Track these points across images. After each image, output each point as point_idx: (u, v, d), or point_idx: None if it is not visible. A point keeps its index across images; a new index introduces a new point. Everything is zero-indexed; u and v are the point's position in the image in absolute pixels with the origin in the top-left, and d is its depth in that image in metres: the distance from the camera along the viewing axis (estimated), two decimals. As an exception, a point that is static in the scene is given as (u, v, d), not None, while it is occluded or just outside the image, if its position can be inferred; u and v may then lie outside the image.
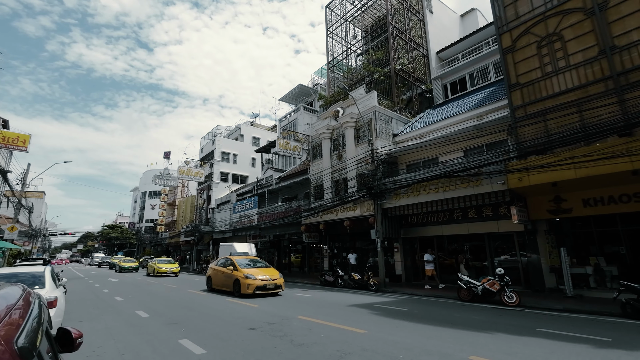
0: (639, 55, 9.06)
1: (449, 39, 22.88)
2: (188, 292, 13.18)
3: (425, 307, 9.29)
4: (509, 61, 11.77)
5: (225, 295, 12.21)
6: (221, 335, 6.12)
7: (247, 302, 10.19)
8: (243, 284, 11.56)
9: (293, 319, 7.51)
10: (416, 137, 16.37)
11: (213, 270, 13.95)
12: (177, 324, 7.13)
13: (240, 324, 7.09)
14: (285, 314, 8.23)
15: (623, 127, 8.60)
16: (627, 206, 9.72)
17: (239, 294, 11.66)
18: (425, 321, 7.33)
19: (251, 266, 12.83)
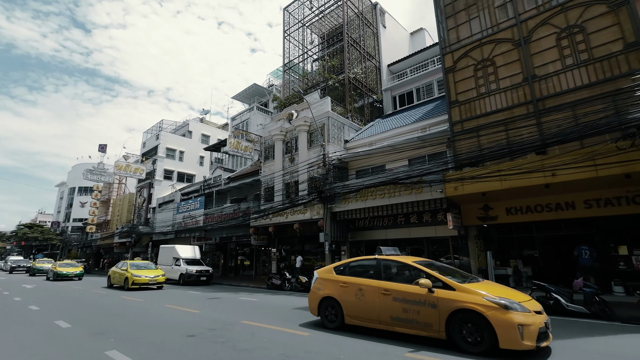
0: (553, 85, 10.51)
1: (399, 54, 24.30)
2: (120, 298, 12.08)
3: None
4: (450, 80, 12.86)
5: (157, 299, 11.43)
6: (156, 344, 5.72)
7: (188, 308, 9.65)
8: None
9: (236, 324, 7.30)
10: (366, 144, 17.04)
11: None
12: (104, 334, 6.49)
13: (178, 331, 6.69)
14: (228, 319, 7.96)
15: (539, 146, 9.89)
16: (540, 215, 11.16)
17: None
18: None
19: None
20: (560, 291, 8.25)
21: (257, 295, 12.99)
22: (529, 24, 11.23)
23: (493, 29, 12.11)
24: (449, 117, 12.68)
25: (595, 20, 10.01)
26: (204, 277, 18.23)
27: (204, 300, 11.68)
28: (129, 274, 15.23)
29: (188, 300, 11.80)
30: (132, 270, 15.53)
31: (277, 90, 30.11)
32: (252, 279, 21.19)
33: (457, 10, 13.22)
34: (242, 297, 12.49)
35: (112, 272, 16.95)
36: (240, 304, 10.59)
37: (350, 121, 19.29)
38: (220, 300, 11.34)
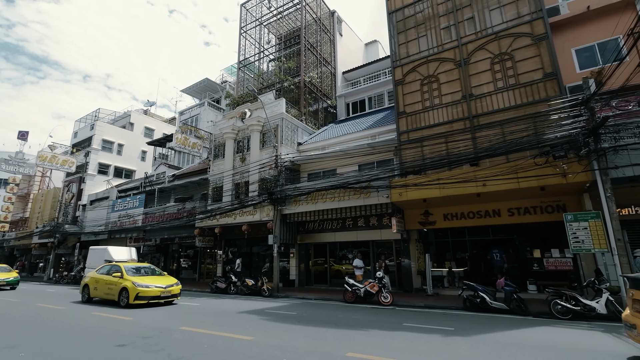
0: (486, 104, 11.69)
1: (354, 63, 25.12)
2: (37, 307, 10.65)
3: (313, 310, 9.75)
4: (399, 92, 13.62)
5: (106, 306, 10.33)
6: (78, 357, 5.16)
7: (118, 315, 8.85)
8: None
9: (174, 331, 6.88)
10: (319, 148, 17.28)
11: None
12: (14, 348, 5.68)
13: (106, 340, 6.11)
14: (165, 325, 7.46)
15: (473, 159, 10.92)
16: (472, 221, 12.28)
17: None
18: (312, 323, 7.69)
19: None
20: (485, 290, 9.14)
21: (199, 300, 12.38)
22: (469, 47, 12.37)
23: (438, 48, 13.11)
24: (397, 126, 13.41)
25: (522, 50, 11.37)
26: (140, 282, 16.83)
27: (138, 306, 10.81)
28: (128, 282, 10.50)
29: (120, 306, 10.82)
30: (131, 277, 10.88)
31: (230, 87, 29.20)
32: (195, 282, 20.13)
33: (408, 28, 14.09)
34: (183, 302, 11.80)
35: (92, 280, 11.93)
36: (180, 309, 10.01)
37: (304, 124, 19.42)
38: (157, 306, 10.58)
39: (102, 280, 11.52)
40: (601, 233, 8.53)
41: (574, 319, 7.77)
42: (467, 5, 12.84)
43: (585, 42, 11.60)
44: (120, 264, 11.85)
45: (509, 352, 5.27)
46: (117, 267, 11.55)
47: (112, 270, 11.55)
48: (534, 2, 11.45)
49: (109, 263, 12.99)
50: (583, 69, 11.35)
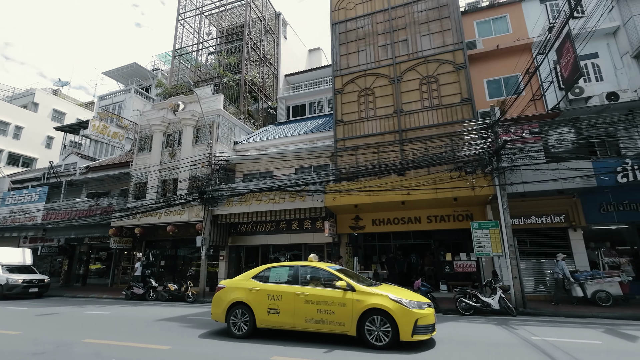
0: (414, 120, 12.79)
1: (297, 67, 25.35)
2: None
3: (241, 315, 9.45)
4: (338, 100, 14.14)
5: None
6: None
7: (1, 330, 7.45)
8: None
9: (75, 344, 6.04)
10: (257, 148, 16.96)
11: None
12: None
13: (-20, 360, 5.09)
14: (64, 338, 6.51)
15: (400, 169, 11.85)
16: (397, 227, 13.26)
17: None
18: (237, 329, 7.44)
19: None
20: (404, 290, 9.93)
21: (110, 308, 11.08)
22: (402, 67, 13.45)
23: (376, 64, 13.98)
24: (335, 134, 13.88)
25: (445, 75, 12.75)
26: (35, 289, 14.37)
27: (31, 317, 9.24)
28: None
29: (4, 318, 9.12)
30: None
31: (163, 76, 27.02)
32: (107, 288, 17.96)
33: (349, 40, 14.75)
34: (90, 310, 10.45)
35: None
36: (86, 319, 8.83)
37: (243, 123, 18.89)
38: (55, 317, 9.18)
39: None
40: (498, 239, 9.96)
41: (475, 315, 8.90)
42: (402, 28, 13.96)
43: (494, 75, 13.50)
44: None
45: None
46: None
47: None
48: (457, 35, 12.97)
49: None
50: (491, 98, 13.17)
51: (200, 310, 10.36)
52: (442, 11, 13.45)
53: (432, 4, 13.69)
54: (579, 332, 6.85)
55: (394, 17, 14.18)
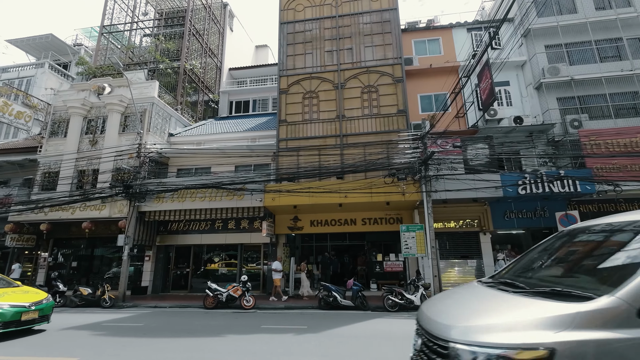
0: (354, 126, 13.36)
1: (243, 62, 24.63)
2: None
3: (166, 319, 8.84)
4: (282, 100, 14.11)
5: None
6: None
7: None
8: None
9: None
10: (194, 142, 16.03)
11: None
12: None
13: None
14: None
15: (339, 172, 12.26)
16: (334, 228, 13.67)
17: None
18: (161, 334, 6.96)
19: None
20: (338, 290, 10.28)
21: (2, 317, 9.41)
22: (346, 74, 13.95)
23: (321, 68, 14.28)
24: (277, 133, 13.80)
25: (384, 86, 13.58)
26: None
27: None
28: None
29: None
30: None
31: (87, 54, 23.95)
32: None
33: (297, 42, 14.83)
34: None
35: None
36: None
37: (180, 114, 17.70)
38: None
39: None
40: (422, 241, 10.90)
41: (400, 311, 9.60)
42: (348, 37, 14.50)
43: (427, 91, 14.77)
44: None
45: (348, 342, 6.08)
46: None
47: None
48: (397, 50, 13.92)
49: None
50: (423, 112, 14.39)
51: (118, 316, 9.41)
52: (385, 26, 14.31)
53: (376, 18, 14.47)
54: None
55: (341, 25, 14.65)
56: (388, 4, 14.57)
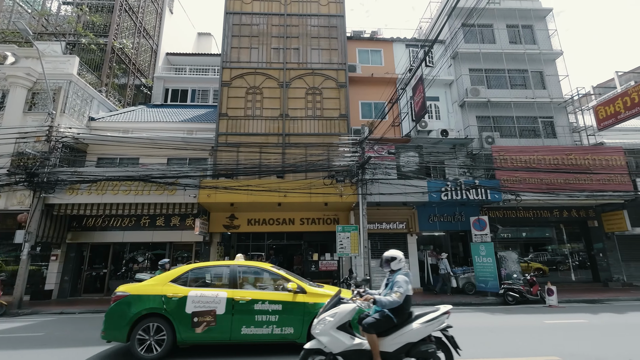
0: (297, 126, 13.42)
1: (183, 48, 23.03)
2: None
3: (74, 327, 7.81)
4: (224, 93, 13.54)
5: None
6: None
7: None
8: None
9: None
10: (120, 129, 14.48)
11: None
12: None
13: None
14: None
15: (280, 171, 12.20)
16: (272, 227, 13.54)
17: None
18: (66, 344, 6.13)
19: None
20: (272, 289, 10.20)
21: None
22: (291, 74, 13.95)
23: (267, 65, 14.06)
24: (217, 127, 13.20)
25: (328, 90, 13.90)
26: None
27: None
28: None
29: None
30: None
31: (-16, 13, 20.04)
32: None
33: (243, 35, 14.38)
34: None
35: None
36: None
37: (104, 97, 15.84)
38: None
39: None
40: (356, 241, 11.39)
41: (331, 308, 9.88)
42: (295, 37, 14.52)
43: (367, 99, 15.50)
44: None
45: (278, 342, 6.07)
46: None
47: None
48: (342, 56, 14.36)
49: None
50: (363, 118, 15.07)
51: (11, 326, 8.04)
52: (332, 31, 14.67)
53: (323, 23, 14.76)
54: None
55: (289, 24, 14.61)
56: (336, 10, 14.96)
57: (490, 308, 9.88)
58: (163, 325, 5.00)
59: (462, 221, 13.49)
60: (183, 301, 5.07)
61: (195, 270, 5.58)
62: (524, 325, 7.28)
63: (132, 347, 4.92)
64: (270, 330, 5.08)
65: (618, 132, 14.83)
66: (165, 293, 5.14)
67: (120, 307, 5.05)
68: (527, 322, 7.62)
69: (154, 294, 5.15)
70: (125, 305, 5.04)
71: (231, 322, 5.03)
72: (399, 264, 4.18)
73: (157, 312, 5.03)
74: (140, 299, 5.08)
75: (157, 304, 5.04)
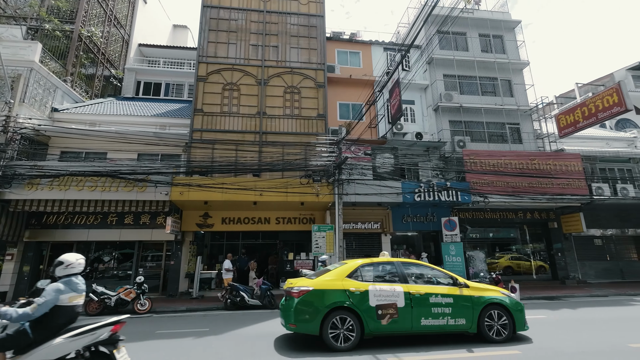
0: (275, 125, 13.32)
1: (157, 40, 22.18)
2: None
3: (31, 331, 7.32)
4: (200, 88, 13.20)
5: None
6: None
7: None
8: None
9: None
10: (86, 122, 13.74)
11: None
12: None
13: None
14: None
15: (256, 170, 12.06)
16: (247, 226, 13.35)
17: None
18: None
19: None
20: (246, 290, 10.07)
21: None
22: (270, 71, 13.82)
23: (245, 61, 13.85)
24: (192, 123, 12.85)
25: (307, 89, 13.90)
26: None
27: None
28: None
29: None
30: None
31: None
32: None
33: (220, 29, 14.08)
34: None
35: None
36: None
37: (69, 87, 14.96)
38: None
39: None
40: (332, 241, 11.48)
41: (305, 308, 9.90)
42: (274, 34, 14.40)
43: (345, 100, 15.64)
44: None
45: (251, 342, 6.01)
46: None
47: None
48: (321, 56, 14.40)
49: None
50: (341, 119, 15.19)
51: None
52: (311, 31, 14.68)
53: (303, 22, 14.74)
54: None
55: (268, 21, 14.46)
56: (316, 10, 14.99)
57: (459, 305, 10.29)
58: (351, 318, 5.31)
59: (434, 222, 13.93)
60: (365, 295, 5.40)
61: (365, 267, 5.89)
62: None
63: (326, 339, 5.22)
64: (446, 322, 5.53)
65: (577, 139, 15.88)
66: (348, 288, 5.46)
67: (309, 301, 5.33)
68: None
69: (337, 288, 5.44)
70: (314, 299, 5.34)
71: (411, 314, 5.44)
72: (64, 270, 3.56)
73: (343, 305, 5.33)
74: (326, 294, 5.38)
75: (343, 298, 5.36)
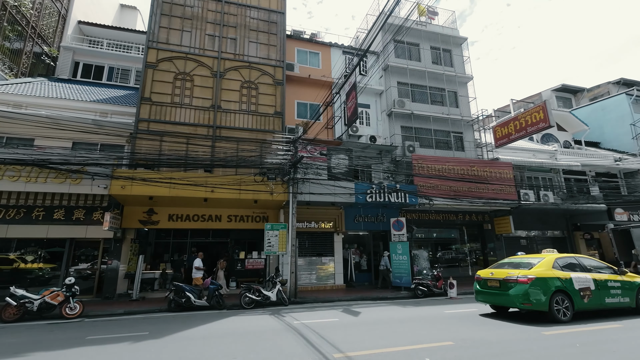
0: (230, 119, 12.91)
1: (101, 19, 20.25)
2: None
3: None
4: (148, 75, 12.33)
5: None
6: None
7: None
8: None
9: None
10: (10, 103, 12.10)
11: None
12: None
13: None
14: None
15: (208, 165, 11.59)
16: (196, 224, 12.77)
17: None
18: None
19: None
20: (192, 290, 9.63)
21: None
22: (226, 64, 13.36)
23: (200, 51, 13.22)
24: (138, 112, 11.97)
25: (264, 86, 13.68)
26: None
27: None
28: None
29: None
30: None
31: None
32: None
33: (174, 14, 13.29)
34: None
35: None
36: None
37: (-11, 62, 13.07)
38: None
39: None
40: (284, 240, 11.45)
41: (256, 307, 9.75)
42: (233, 26, 13.95)
43: (304, 99, 15.68)
44: None
45: (194, 345, 5.77)
46: None
47: None
48: (280, 53, 14.27)
49: None
50: (299, 117, 15.20)
51: None
52: (271, 27, 14.47)
53: (263, 16, 14.48)
54: (327, 313, 8.82)
55: (226, 12, 13.97)
56: (277, 6, 14.81)
57: (403, 301, 10.87)
58: (566, 298, 7.18)
59: (384, 222, 14.55)
60: (570, 281, 7.31)
61: (558, 260, 7.72)
62: (428, 316, 8.19)
63: (552, 313, 7.01)
64: (618, 300, 7.70)
65: (510, 150, 17.64)
66: (559, 276, 7.31)
67: (537, 286, 7.07)
68: (431, 313, 8.59)
69: (552, 276, 7.26)
70: (541, 284, 7.10)
71: (599, 294, 7.51)
72: None
73: (560, 289, 7.18)
74: (547, 280, 7.16)
75: (560, 283, 7.21)
